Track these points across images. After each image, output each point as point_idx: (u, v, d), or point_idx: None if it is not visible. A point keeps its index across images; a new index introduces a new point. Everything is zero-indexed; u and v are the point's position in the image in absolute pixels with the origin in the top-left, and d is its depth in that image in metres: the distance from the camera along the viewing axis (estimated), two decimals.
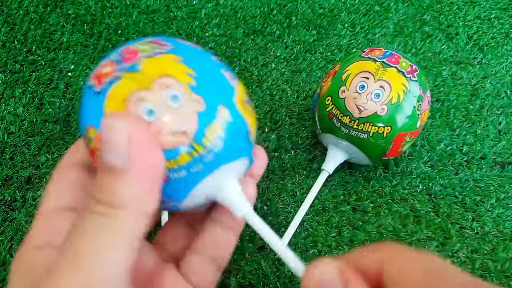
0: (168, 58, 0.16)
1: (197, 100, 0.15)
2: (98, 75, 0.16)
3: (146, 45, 0.17)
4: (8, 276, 0.34)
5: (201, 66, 0.16)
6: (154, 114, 0.15)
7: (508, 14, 0.54)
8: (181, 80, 0.15)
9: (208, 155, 0.16)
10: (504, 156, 0.42)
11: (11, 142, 0.41)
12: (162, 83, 0.15)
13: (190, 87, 0.16)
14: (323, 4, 0.54)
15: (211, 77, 0.17)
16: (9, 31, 0.49)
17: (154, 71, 0.15)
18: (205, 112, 0.16)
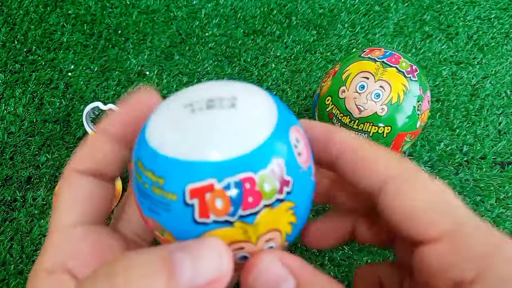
0: (284, 208, 0.14)
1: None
2: (204, 203, 0.13)
3: (268, 180, 0.14)
4: (8, 276, 0.34)
5: (303, 208, 0.15)
6: (246, 259, 0.15)
7: (508, 14, 0.54)
8: (283, 232, 0.15)
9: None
10: (504, 156, 0.42)
11: (11, 142, 0.41)
12: (267, 238, 0.14)
13: (287, 236, 0.15)
14: (323, 4, 0.54)
15: (305, 211, 0.16)
16: (9, 31, 0.49)
17: (266, 225, 0.14)
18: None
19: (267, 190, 0.14)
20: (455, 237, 0.14)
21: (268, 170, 0.13)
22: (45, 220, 0.37)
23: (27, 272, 0.35)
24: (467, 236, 0.14)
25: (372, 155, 0.16)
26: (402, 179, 0.15)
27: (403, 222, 0.14)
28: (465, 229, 0.14)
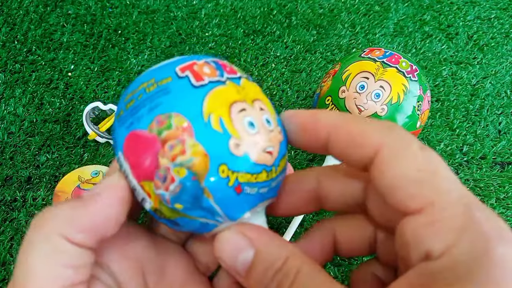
0: (257, 87, 0.18)
1: (279, 131, 0.17)
2: (195, 71, 0.16)
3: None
4: (8, 276, 0.34)
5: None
6: (254, 128, 0.16)
7: (508, 14, 0.54)
8: (269, 109, 0.17)
9: (274, 182, 0.17)
10: (504, 156, 0.42)
11: (11, 142, 0.41)
12: (259, 105, 0.16)
13: (277, 119, 0.17)
14: (323, 4, 0.54)
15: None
16: (9, 31, 0.49)
17: (252, 92, 0.17)
18: (283, 143, 0.17)
19: (237, 69, 0.17)
20: (433, 209, 0.13)
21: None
22: None
23: None
24: (444, 208, 0.13)
25: (360, 128, 0.15)
26: (392, 148, 0.14)
27: (389, 192, 0.14)
28: (445, 201, 0.13)
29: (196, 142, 0.15)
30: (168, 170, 0.15)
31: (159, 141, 0.15)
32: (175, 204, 0.15)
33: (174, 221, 0.16)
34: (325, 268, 0.35)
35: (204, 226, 0.16)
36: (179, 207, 0.15)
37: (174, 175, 0.15)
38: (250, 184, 0.16)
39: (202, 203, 0.15)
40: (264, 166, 0.16)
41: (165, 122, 0.15)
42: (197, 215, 0.16)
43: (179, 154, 0.15)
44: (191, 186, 0.15)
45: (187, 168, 0.15)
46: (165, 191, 0.15)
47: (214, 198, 0.15)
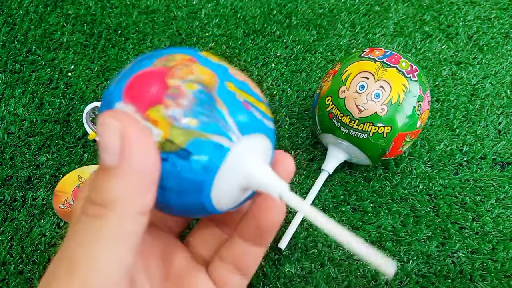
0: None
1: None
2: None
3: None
4: (8, 276, 0.34)
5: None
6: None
7: (508, 14, 0.54)
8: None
9: (271, 123, 0.18)
10: (504, 156, 0.42)
11: (11, 142, 0.41)
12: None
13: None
14: (323, 4, 0.54)
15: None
16: (9, 31, 0.49)
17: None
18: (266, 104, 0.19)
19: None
20: None
21: None
22: (45, 220, 0.37)
23: (27, 272, 0.35)
24: None
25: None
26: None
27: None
28: None
29: (201, 65, 0.16)
30: (179, 88, 0.15)
31: (166, 69, 0.15)
32: (190, 120, 0.15)
33: (185, 152, 0.15)
34: (325, 268, 0.35)
35: (217, 154, 0.15)
36: (194, 124, 0.15)
37: (186, 89, 0.15)
38: (255, 107, 0.17)
39: (217, 113, 0.15)
40: (261, 98, 0.18)
41: (169, 57, 0.16)
42: (212, 131, 0.15)
43: (187, 73, 0.15)
44: (204, 97, 0.15)
45: (198, 82, 0.15)
46: (178, 107, 0.15)
47: (228, 109, 0.15)
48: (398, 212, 0.38)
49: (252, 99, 0.17)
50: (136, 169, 0.14)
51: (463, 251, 0.36)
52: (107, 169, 0.14)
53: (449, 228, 0.37)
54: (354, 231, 0.37)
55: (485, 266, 0.35)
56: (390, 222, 0.38)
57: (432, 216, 0.38)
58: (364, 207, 0.38)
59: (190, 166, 0.15)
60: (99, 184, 0.14)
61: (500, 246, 0.36)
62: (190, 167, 0.15)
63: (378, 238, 0.37)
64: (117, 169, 0.14)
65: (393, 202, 0.39)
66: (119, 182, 0.14)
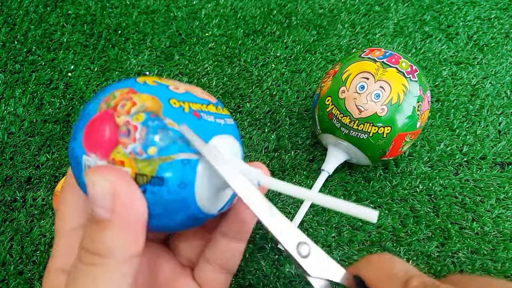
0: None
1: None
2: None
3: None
4: (8, 276, 0.34)
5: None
6: (186, 84, 0.19)
7: (508, 14, 0.54)
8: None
9: (228, 120, 0.19)
10: (504, 156, 0.42)
11: (11, 142, 0.41)
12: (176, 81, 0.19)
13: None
14: (323, 4, 0.54)
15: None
16: (9, 31, 0.49)
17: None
18: (218, 101, 0.20)
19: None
20: None
21: None
22: (45, 220, 0.37)
23: (27, 273, 0.35)
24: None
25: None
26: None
27: None
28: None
29: (141, 93, 0.16)
30: (128, 123, 0.15)
31: (111, 109, 0.16)
32: (149, 150, 0.15)
33: (158, 179, 0.16)
34: None
35: (188, 169, 0.16)
36: (154, 151, 0.15)
37: (135, 123, 0.15)
38: (205, 112, 0.17)
39: (171, 133, 0.16)
40: (209, 100, 0.18)
41: (110, 97, 0.16)
42: (174, 151, 0.15)
43: (131, 106, 0.16)
44: (153, 123, 0.15)
45: (143, 111, 0.16)
46: (134, 142, 0.15)
47: (179, 125, 0.16)
48: (398, 213, 0.38)
49: (199, 105, 0.17)
50: (127, 221, 0.15)
51: (463, 251, 0.36)
52: (99, 222, 0.15)
53: (449, 228, 0.37)
54: (354, 231, 0.37)
55: (485, 266, 0.35)
56: (390, 222, 0.38)
57: (432, 216, 0.38)
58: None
59: (168, 189, 0.16)
60: (93, 234, 0.16)
61: (500, 246, 0.36)
62: (168, 190, 0.16)
63: (378, 238, 0.37)
64: (109, 222, 0.15)
65: (393, 202, 0.39)
66: (113, 233, 0.15)
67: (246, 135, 0.43)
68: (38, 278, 0.35)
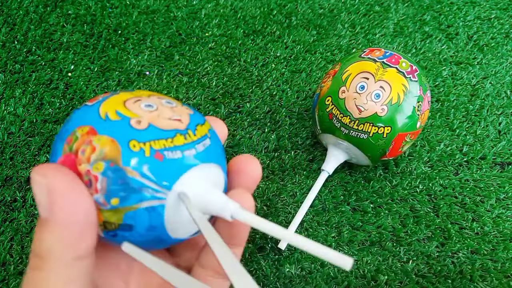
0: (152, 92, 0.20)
1: (187, 109, 0.18)
2: (90, 100, 0.18)
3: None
4: (8, 276, 0.34)
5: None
6: (152, 107, 0.17)
7: (508, 14, 0.54)
8: (171, 99, 0.19)
9: (200, 145, 0.17)
10: (504, 156, 0.42)
11: (11, 142, 0.41)
12: (155, 96, 0.18)
13: (183, 103, 0.18)
14: (323, 4, 0.54)
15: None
16: (9, 31, 0.49)
17: (146, 92, 0.18)
18: (195, 115, 0.18)
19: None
20: None
21: None
22: None
23: None
24: None
25: None
26: None
27: None
28: None
29: (101, 135, 0.15)
30: (89, 173, 0.15)
31: (73, 155, 0.15)
32: (112, 201, 0.15)
33: (126, 225, 0.16)
34: (325, 268, 0.35)
35: (155, 214, 0.16)
36: (117, 202, 0.15)
37: (95, 173, 0.15)
38: (169, 149, 0.16)
39: (131, 183, 0.15)
40: (177, 130, 0.16)
41: (72, 138, 0.16)
42: (137, 201, 0.15)
43: (91, 153, 0.15)
44: (113, 173, 0.15)
45: (102, 160, 0.15)
46: (97, 193, 0.15)
47: (140, 173, 0.15)
48: (398, 213, 0.38)
49: (163, 142, 0.16)
50: (63, 221, 0.14)
51: (463, 251, 0.36)
52: (41, 222, 0.15)
53: (449, 228, 0.37)
54: (354, 231, 0.37)
55: (485, 266, 0.35)
56: (390, 222, 0.38)
57: (432, 216, 0.38)
58: (364, 207, 0.38)
59: (138, 233, 0.16)
60: (36, 236, 0.15)
61: (500, 246, 0.36)
62: (138, 234, 0.16)
63: (378, 238, 0.37)
64: (48, 222, 0.15)
65: (393, 202, 0.39)
66: (50, 234, 0.14)
67: (246, 135, 0.43)
68: None
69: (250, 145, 0.42)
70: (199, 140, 0.17)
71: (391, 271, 0.35)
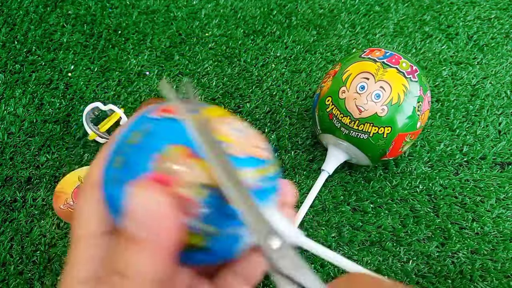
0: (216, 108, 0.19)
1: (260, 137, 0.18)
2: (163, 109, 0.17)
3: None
4: (8, 276, 0.34)
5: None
6: (242, 132, 0.17)
7: (508, 14, 0.54)
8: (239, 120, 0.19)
9: (278, 174, 0.17)
10: (504, 156, 0.42)
11: (11, 143, 0.41)
12: (231, 119, 0.18)
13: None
14: (323, 4, 0.54)
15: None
16: (9, 31, 0.49)
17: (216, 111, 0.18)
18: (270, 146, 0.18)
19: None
20: None
21: None
22: (45, 220, 0.37)
23: (27, 273, 0.35)
24: None
25: None
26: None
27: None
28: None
29: (201, 160, 0.15)
30: (189, 199, 0.15)
31: (170, 176, 0.15)
32: (205, 226, 0.15)
33: (206, 249, 0.16)
34: (325, 268, 0.35)
35: (236, 240, 0.16)
36: (210, 228, 0.15)
37: (196, 197, 0.15)
38: (264, 178, 0.16)
39: (228, 211, 0.15)
40: (268, 160, 0.17)
41: (164, 156, 0.15)
42: (227, 226, 0.15)
43: (193, 178, 0.15)
44: (214, 200, 0.15)
45: (205, 186, 0.15)
46: (191, 216, 0.15)
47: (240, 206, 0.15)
48: (398, 213, 0.38)
49: (260, 171, 0.16)
50: (158, 244, 0.14)
51: (463, 251, 0.36)
52: (129, 239, 0.14)
53: (449, 228, 0.37)
54: (354, 231, 0.37)
55: (485, 266, 0.35)
56: (390, 222, 0.38)
57: (432, 216, 0.38)
58: (364, 207, 0.38)
59: (215, 257, 0.16)
60: (122, 251, 0.15)
61: (500, 246, 0.36)
62: (215, 257, 0.16)
63: (378, 238, 0.37)
64: (140, 242, 0.14)
65: (393, 202, 0.39)
66: (139, 255, 0.14)
67: None
68: (38, 278, 0.35)
69: None
70: (277, 172, 0.17)
71: (391, 271, 0.35)
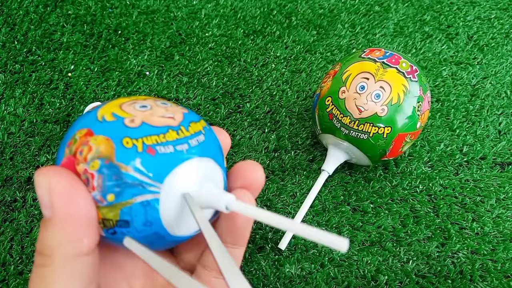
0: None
1: (182, 108, 0.19)
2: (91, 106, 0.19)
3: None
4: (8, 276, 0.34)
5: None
6: (147, 107, 0.18)
7: (508, 14, 0.54)
8: (168, 102, 0.19)
9: (194, 140, 0.18)
10: (504, 156, 0.42)
11: (11, 143, 0.41)
12: (152, 99, 0.19)
13: (181, 104, 0.19)
14: (323, 4, 0.54)
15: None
16: (9, 31, 0.49)
17: (142, 97, 0.19)
18: (189, 113, 0.19)
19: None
20: None
21: None
22: None
23: (27, 273, 0.35)
24: None
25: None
26: None
27: None
28: None
29: (97, 135, 0.16)
30: (86, 171, 0.16)
31: (72, 156, 0.16)
32: (108, 197, 0.16)
33: (123, 221, 0.16)
34: (325, 269, 0.35)
35: (150, 209, 0.16)
36: (112, 198, 0.16)
37: (92, 171, 0.16)
38: (161, 144, 0.17)
39: (125, 178, 0.16)
40: (169, 126, 0.17)
41: (72, 141, 0.17)
42: (131, 195, 0.16)
43: (88, 153, 0.16)
44: (107, 170, 0.16)
45: (97, 158, 0.16)
46: (94, 190, 0.16)
47: (133, 168, 0.16)
48: (398, 213, 0.38)
49: (155, 137, 0.17)
50: (64, 218, 0.15)
51: (463, 251, 0.36)
52: (44, 221, 0.16)
53: (449, 228, 0.37)
54: (354, 231, 0.37)
55: (485, 266, 0.35)
56: (390, 222, 0.38)
57: (432, 216, 0.38)
58: (364, 207, 0.38)
59: (135, 229, 0.16)
60: (40, 235, 0.16)
61: (500, 246, 0.36)
62: (136, 229, 0.16)
63: (378, 238, 0.37)
64: (50, 221, 0.15)
65: (393, 202, 0.39)
66: (53, 231, 0.15)
67: (246, 135, 0.43)
68: None
69: (250, 145, 0.42)
70: (192, 135, 0.18)
71: (391, 271, 0.35)
